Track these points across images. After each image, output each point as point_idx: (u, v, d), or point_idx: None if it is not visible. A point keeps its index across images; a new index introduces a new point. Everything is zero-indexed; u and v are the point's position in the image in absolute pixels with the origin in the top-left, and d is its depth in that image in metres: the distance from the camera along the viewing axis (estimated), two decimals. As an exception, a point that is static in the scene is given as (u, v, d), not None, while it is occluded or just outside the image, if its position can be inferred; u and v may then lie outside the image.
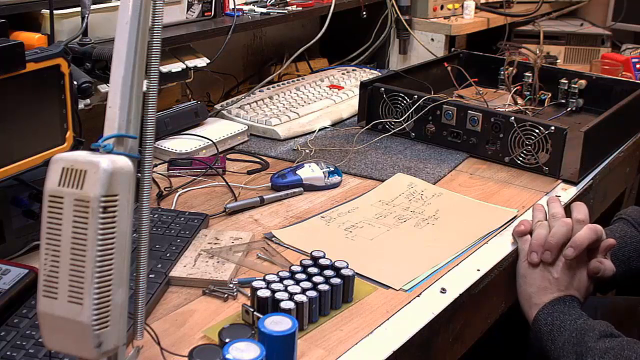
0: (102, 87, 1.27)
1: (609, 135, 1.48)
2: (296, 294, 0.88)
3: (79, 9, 1.24)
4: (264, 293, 0.88)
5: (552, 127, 1.33)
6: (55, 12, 1.17)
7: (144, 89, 0.69)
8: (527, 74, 1.70)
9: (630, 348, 0.96)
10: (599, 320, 1.02)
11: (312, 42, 1.76)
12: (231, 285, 0.96)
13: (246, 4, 1.69)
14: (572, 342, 0.99)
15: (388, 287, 0.98)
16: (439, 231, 1.14)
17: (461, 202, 1.25)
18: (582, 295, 1.09)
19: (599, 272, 1.09)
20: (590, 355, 0.96)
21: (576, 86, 1.69)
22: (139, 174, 0.69)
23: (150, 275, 0.94)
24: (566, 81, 1.70)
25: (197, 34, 1.48)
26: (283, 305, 0.85)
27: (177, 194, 1.25)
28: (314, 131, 1.55)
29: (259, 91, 1.72)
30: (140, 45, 0.68)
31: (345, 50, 2.09)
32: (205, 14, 1.55)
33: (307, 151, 1.44)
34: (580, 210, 1.11)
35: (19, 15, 1.21)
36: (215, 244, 1.05)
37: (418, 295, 0.97)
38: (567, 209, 1.16)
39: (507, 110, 1.56)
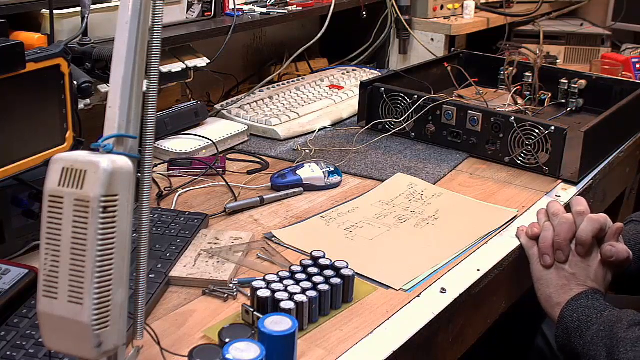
0: (102, 87, 1.27)
1: (609, 135, 1.48)
2: (296, 294, 0.88)
3: (79, 9, 1.24)
4: (264, 293, 0.88)
5: (552, 127, 1.33)
6: (55, 12, 1.17)
7: (144, 89, 0.69)
8: (527, 74, 1.70)
9: None
10: (625, 309, 1.01)
11: (312, 42, 1.76)
12: (231, 285, 0.96)
13: (246, 4, 1.69)
14: (601, 335, 0.98)
15: (388, 287, 0.98)
16: (439, 231, 1.14)
17: (461, 202, 1.25)
18: (601, 286, 1.08)
19: (612, 256, 1.07)
20: (622, 345, 0.94)
21: (576, 86, 1.69)
22: (139, 174, 0.69)
23: (150, 275, 0.94)
24: (566, 81, 1.70)
25: (197, 34, 1.48)
26: (283, 305, 0.85)
27: (177, 194, 1.25)
28: (314, 131, 1.55)
29: (259, 91, 1.72)
30: (140, 45, 0.68)
31: (345, 50, 2.09)
32: (205, 14, 1.55)
33: (307, 151, 1.44)
34: (580, 203, 1.10)
35: (19, 15, 1.21)
36: (215, 244, 1.05)
37: (418, 295, 0.97)
38: (568, 209, 1.16)
39: (507, 110, 1.56)
